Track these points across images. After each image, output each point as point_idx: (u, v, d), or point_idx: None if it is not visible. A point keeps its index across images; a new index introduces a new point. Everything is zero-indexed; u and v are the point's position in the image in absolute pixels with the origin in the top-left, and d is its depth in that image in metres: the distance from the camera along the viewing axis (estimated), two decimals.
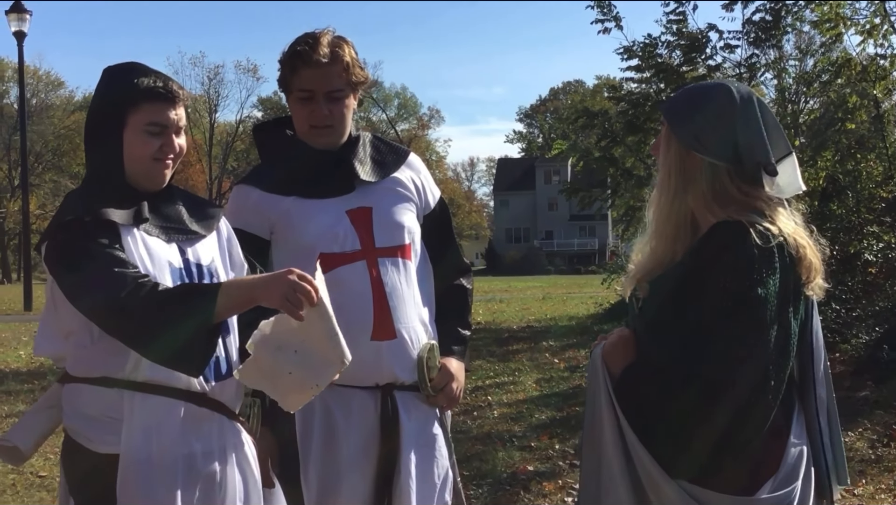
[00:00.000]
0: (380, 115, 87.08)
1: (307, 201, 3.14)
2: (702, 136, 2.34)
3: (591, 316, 19.28)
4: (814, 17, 11.37)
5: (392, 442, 3.08)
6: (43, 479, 6.82)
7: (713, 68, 11.88)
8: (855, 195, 11.13)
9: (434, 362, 3.18)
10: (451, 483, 3.25)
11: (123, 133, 2.63)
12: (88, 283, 2.45)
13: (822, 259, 2.35)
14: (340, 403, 3.04)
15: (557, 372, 11.71)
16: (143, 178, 2.67)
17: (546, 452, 7.41)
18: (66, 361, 2.66)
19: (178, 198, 2.79)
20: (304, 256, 2.99)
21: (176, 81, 2.70)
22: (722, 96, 2.38)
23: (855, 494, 6.06)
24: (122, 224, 2.57)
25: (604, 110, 14.07)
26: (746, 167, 2.33)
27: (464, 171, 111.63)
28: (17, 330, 18.64)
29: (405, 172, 3.31)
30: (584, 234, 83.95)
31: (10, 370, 12.69)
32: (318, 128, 3.14)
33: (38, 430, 2.74)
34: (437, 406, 3.25)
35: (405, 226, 3.22)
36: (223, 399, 2.66)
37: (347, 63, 3.10)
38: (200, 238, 2.76)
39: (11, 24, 25.83)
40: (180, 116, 2.68)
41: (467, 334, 3.40)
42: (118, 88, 2.65)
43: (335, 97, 3.11)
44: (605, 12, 12.34)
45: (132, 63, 2.72)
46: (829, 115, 11.88)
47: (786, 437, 2.34)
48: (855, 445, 7.13)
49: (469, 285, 3.46)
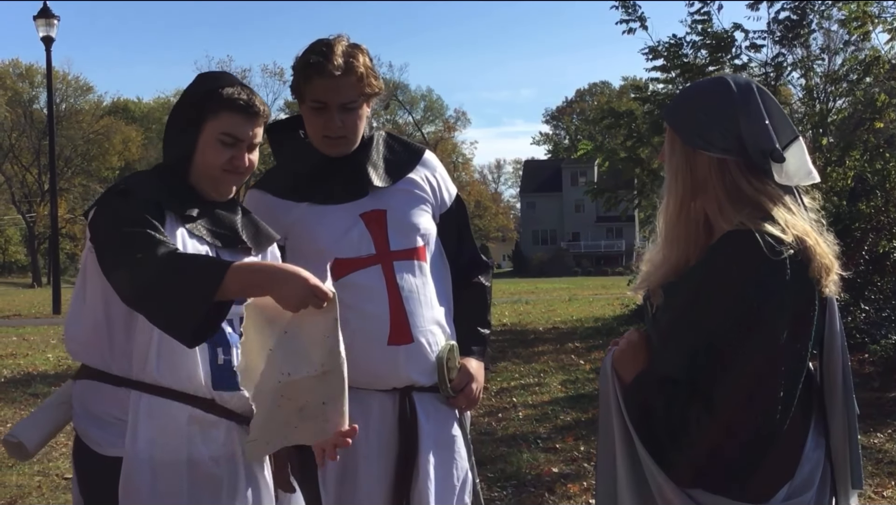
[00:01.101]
0: (406, 118, 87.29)
1: (320, 207, 3.12)
2: (705, 132, 2.29)
3: (616, 317, 19.19)
4: (841, 16, 11.27)
5: (410, 444, 3.05)
6: (69, 481, 6.80)
7: (739, 68, 11.80)
8: (884, 194, 11.01)
9: (454, 363, 3.15)
10: (471, 485, 3.23)
11: (199, 137, 2.65)
12: (122, 243, 2.44)
13: (835, 255, 2.27)
14: (358, 405, 3.00)
15: (583, 374, 11.65)
16: (208, 186, 2.69)
17: (571, 454, 7.37)
18: (83, 354, 2.64)
19: (238, 209, 2.79)
20: (319, 261, 2.94)
21: (260, 98, 2.71)
22: (719, 89, 2.32)
23: (884, 497, 5.99)
24: (170, 213, 2.58)
25: (629, 111, 14.00)
26: (753, 158, 2.27)
27: (490, 174, 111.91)
28: (45, 333, 18.77)
29: (420, 172, 3.28)
30: (610, 235, 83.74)
31: (38, 373, 12.77)
32: (331, 138, 3.11)
33: (45, 427, 2.71)
34: (457, 407, 3.22)
35: (420, 228, 3.18)
36: (232, 407, 2.63)
37: (362, 74, 3.05)
38: (246, 253, 2.74)
39: (40, 30, 26.06)
40: (256, 134, 2.70)
41: (487, 333, 3.36)
42: (203, 93, 2.67)
43: (349, 108, 3.07)
44: (629, 12, 12.31)
45: (224, 72, 2.79)
46: (857, 115, 11.78)
47: (802, 443, 2.29)
48: (884, 446, 7.04)
49: (488, 283, 3.41)
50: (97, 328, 2.57)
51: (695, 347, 2.21)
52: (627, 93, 63.32)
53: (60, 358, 14.07)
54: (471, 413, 3.37)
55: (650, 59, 12.34)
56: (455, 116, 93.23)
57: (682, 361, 2.24)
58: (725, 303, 2.16)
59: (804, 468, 2.27)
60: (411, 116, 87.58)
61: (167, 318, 2.37)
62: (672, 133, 2.35)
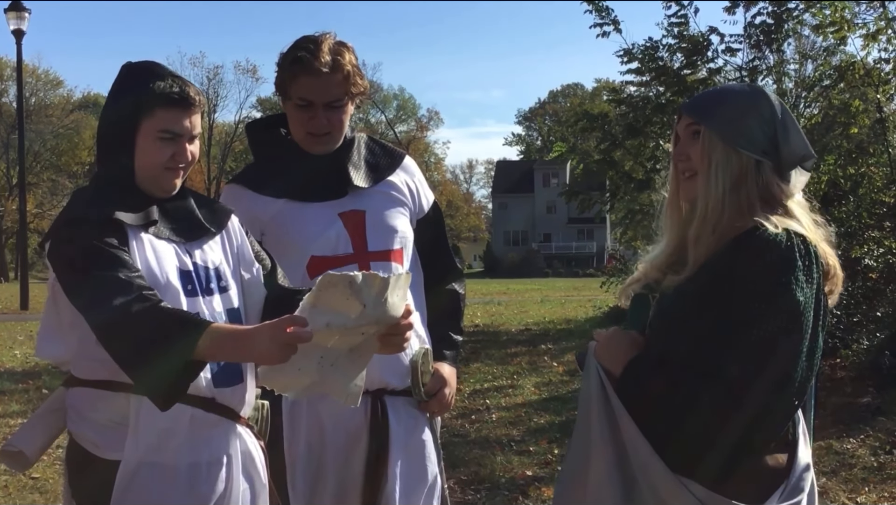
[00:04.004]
0: (378, 117, 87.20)
1: (299, 204, 3.09)
2: (748, 133, 2.35)
3: (589, 319, 19.26)
4: (814, 22, 11.31)
5: (380, 446, 3.05)
6: (36, 480, 6.74)
7: (714, 71, 11.82)
8: (856, 200, 11.07)
9: (427, 367, 3.15)
10: (440, 490, 3.22)
11: (136, 138, 2.56)
12: (92, 285, 2.37)
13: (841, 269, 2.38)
14: (329, 406, 3.00)
15: (556, 376, 11.65)
16: (153, 185, 2.60)
17: (545, 457, 7.35)
18: (69, 365, 2.59)
19: (188, 198, 2.71)
20: (296, 258, 2.96)
21: (194, 86, 2.61)
22: (761, 97, 2.42)
23: (858, 503, 6.01)
24: (130, 225, 2.50)
25: (604, 113, 14.01)
26: (784, 162, 2.37)
27: (462, 174, 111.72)
28: (12, 329, 18.57)
29: (400, 176, 3.27)
30: (582, 237, 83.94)
31: (5, 370, 12.62)
32: (316, 136, 3.09)
33: (43, 434, 2.66)
34: (429, 411, 3.22)
35: (398, 230, 3.18)
36: (232, 405, 2.60)
37: (348, 72, 3.04)
38: (210, 237, 2.70)
39: (10, 23, 25.78)
40: (195, 124, 2.61)
41: (460, 340, 3.38)
42: (134, 91, 2.56)
43: (334, 106, 3.06)
44: (602, 16, 12.29)
45: (151, 63, 2.63)
46: (828, 121, 11.84)
47: (795, 446, 2.32)
48: (857, 452, 7.07)
49: (461, 290, 3.42)
50: (84, 343, 2.48)
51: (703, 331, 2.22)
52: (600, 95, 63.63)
53: (28, 355, 13.92)
54: (442, 417, 3.37)
55: (625, 63, 12.34)
56: (428, 116, 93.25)
57: (689, 344, 2.25)
58: (754, 285, 2.19)
59: (797, 472, 2.29)
60: (384, 116, 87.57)
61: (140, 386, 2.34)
62: (710, 134, 2.38)
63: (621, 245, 21.46)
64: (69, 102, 77.02)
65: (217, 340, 2.26)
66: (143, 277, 2.40)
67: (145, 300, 2.31)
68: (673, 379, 2.24)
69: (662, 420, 2.24)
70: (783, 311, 2.18)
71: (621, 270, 18.54)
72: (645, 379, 2.29)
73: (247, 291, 2.75)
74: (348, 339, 2.27)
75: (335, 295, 2.18)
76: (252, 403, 2.72)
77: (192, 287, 2.57)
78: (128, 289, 2.33)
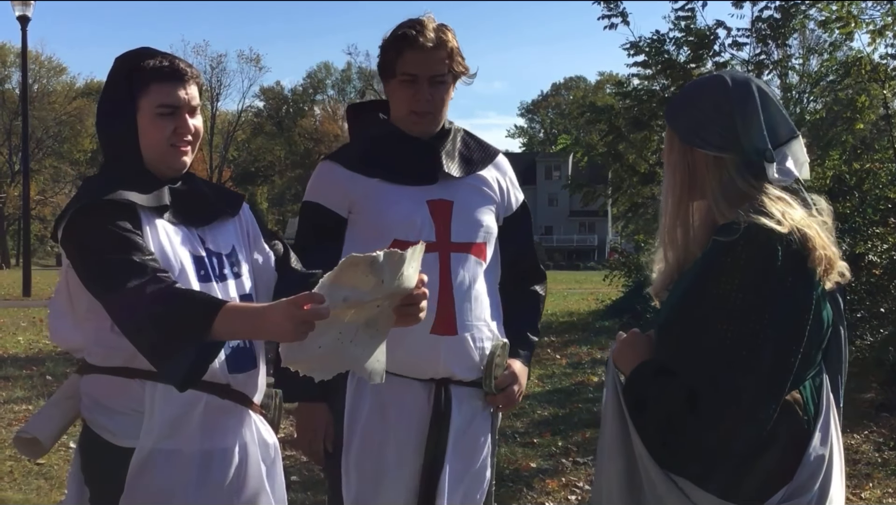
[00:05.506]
0: None
1: (389, 186, 3.12)
2: (701, 130, 2.29)
3: (591, 312, 19.24)
4: (820, 17, 11.28)
5: (439, 434, 3.06)
6: (41, 466, 6.75)
7: (720, 65, 11.78)
8: (861, 196, 11.06)
9: (502, 361, 3.17)
10: (486, 483, 3.25)
11: (137, 119, 2.56)
12: (106, 269, 2.37)
13: (838, 248, 2.27)
14: (393, 391, 3.01)
15: (559, 368, 11.67)
16: (162, 164, 2.60)
17: (549, 449, 7.37)
18: (83, 352, 2.59)
19: (199, 183, 2.72)
20: (379, 239, 2.93)
21: (184, 60, 2.62)
22: (717, 87, 2.33)
23: (862, 498, 6.02)
24: (143, 210, 2.50)
25: (609, 105, 13.97)
26: (749, 156, 2.27)
27: None
28: (15, 315, 18.56)
29: (491, 172, 3.29)
30: (583, 230, 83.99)
31: (9, 356, 12.60)
32: (419, 113, 3.13)
33: (57, 421, 2.66)
34: (495, 405, 3.24)
35: (483, 224, 3.19)
36: (246, 391, 2.61)
37: (451, 49, 3.11)
38: (223, 223, 2.70)
39: (16, 9, 25.76)
40: (192, 95, 2.60)
41: (535, 340, 3.40)
42: (126, 73, 2.57)
43: (438, 81, 3.11)
44: (611, 8, 12.26)
45: (139, 48, 2.65)
46: (832, 116, 11.81)
47: (806, 445, 2.24)
48: (861, 448, 7.08)
49: (542, 292, 3.45)
50: (100, 333, 2.49)
51: (687, 335, 2.20)
52: (603, 87, 63.53)
53: (31, 341, 13.94)
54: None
55: (631, 55, 12.30)
56: None
57: (673, 350, 2.24)
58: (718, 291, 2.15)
59: (805, 471, 2.23)
60: None
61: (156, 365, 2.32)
62: (671, 132, 2.36)
63: (622, 238, 21.45)
64: (72, 90, 77.03)
65: (233, 318, 2.25)
66: (156, 260, 2.40)
67: (160, 281, 2.32)
68: (661, 391, 2.22)
69: (657, 424, 2.23)
70: (735, 315, 2.12)
71: (624, 264, 18.56)
72: (640, 388, 2.29)
73: (258, 275, 2.76)
74: (364, 312, 2.25)
75: (356, 273, 2.17)
76: (264, 389, 2.73)
77: (204, 272, 2.57)
78: (142, 271, 2.33)
